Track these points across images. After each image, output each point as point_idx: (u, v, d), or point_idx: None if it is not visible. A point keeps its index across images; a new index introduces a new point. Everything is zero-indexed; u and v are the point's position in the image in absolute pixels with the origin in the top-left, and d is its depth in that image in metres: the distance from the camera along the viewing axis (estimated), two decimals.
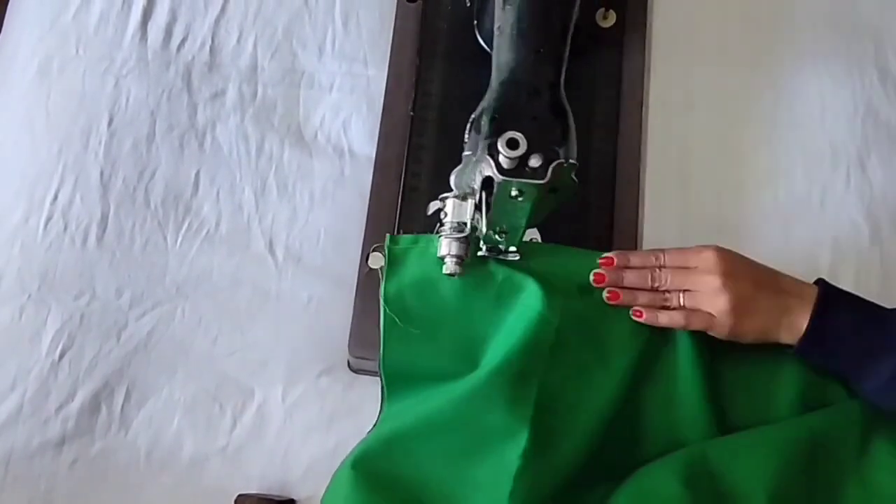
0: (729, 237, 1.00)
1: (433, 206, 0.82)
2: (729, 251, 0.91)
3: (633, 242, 1.06)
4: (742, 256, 0.91)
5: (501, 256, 0.95)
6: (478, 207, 0.77)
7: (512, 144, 0.68)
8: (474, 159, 0.72)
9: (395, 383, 0.97)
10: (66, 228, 1.11)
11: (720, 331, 0.90)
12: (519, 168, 0.69)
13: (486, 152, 0.70)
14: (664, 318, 0.92)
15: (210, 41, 1.20)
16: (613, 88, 1.11)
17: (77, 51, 1.19)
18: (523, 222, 0.85)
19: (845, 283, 0.92)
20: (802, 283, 0.91)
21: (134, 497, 1.02)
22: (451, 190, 0.82)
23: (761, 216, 1.10)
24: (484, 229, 0.78)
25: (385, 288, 0.94)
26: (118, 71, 1.18)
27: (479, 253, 0.94)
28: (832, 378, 0.94)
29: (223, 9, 1.22)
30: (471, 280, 0.92)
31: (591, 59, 1.12)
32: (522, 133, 0.69)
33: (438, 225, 0.80)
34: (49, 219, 1.11)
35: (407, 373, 0.96)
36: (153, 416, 1.05)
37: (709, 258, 0.90)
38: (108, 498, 1.02)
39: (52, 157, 1.14)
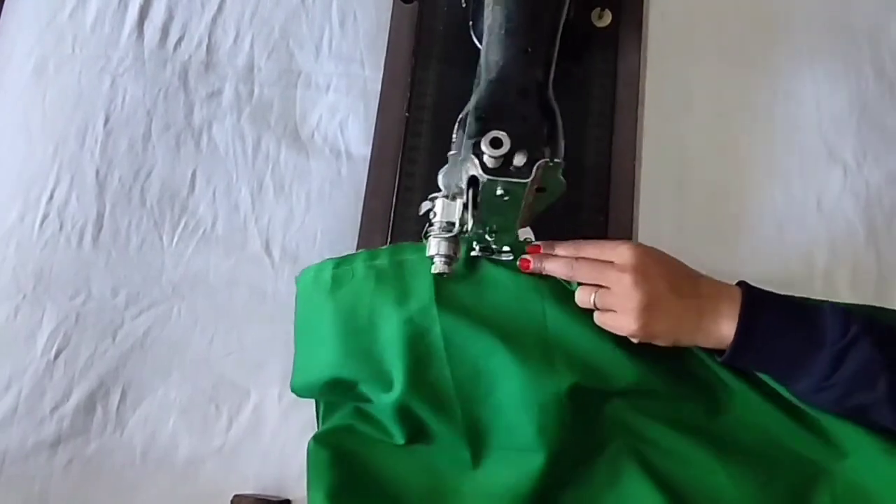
0: (724, 237, 1.00)
1: (424, 206, 0.82)
2: (647, 249, 0.89)
3: None
4: (661, 255, 0.90)
5: (494, 256, 0.95)
6: (466, 207, 0.76)
7: (495, 143, 0.67)
8: (460, 158, 0.72)
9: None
10: (61, 227, 1.11)
11: (628, 331, 0.88)
12: (503, 167, 0.69)
13: (471, 151, 0.69)
14: (578, 297, 0.92)
15: (207, 40, 1.20)
16: (609, 88, 1.11)
17: (73, 49, 1.19)
18: (512, 221, 0.85)
19: (841, 284, 0.92)
20: (721, 284, 0.89)
21: (129, 497, 1.03)
22: (441, 190, 0.82)
23: (757, 216, 1.09)
24: (470, 228, 0.78)
25: None
26: (114, 70, 1.18)
27: (473, 253, 0.94)
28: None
29: (220, 8, 1.22)
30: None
31: (587, 59, 1.12)
32: (509, 132, 0.68)
33: (428, 225, 0.79)
34: (45, 218, 1.11)
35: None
36: (149, 417, 1.05)
37: (623, 254, 0.88)
38: (104, 498, 1.03)
39: (47, 156, 1.14)
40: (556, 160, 0.71)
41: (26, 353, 1.06)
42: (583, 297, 0.91)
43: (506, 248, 0.95)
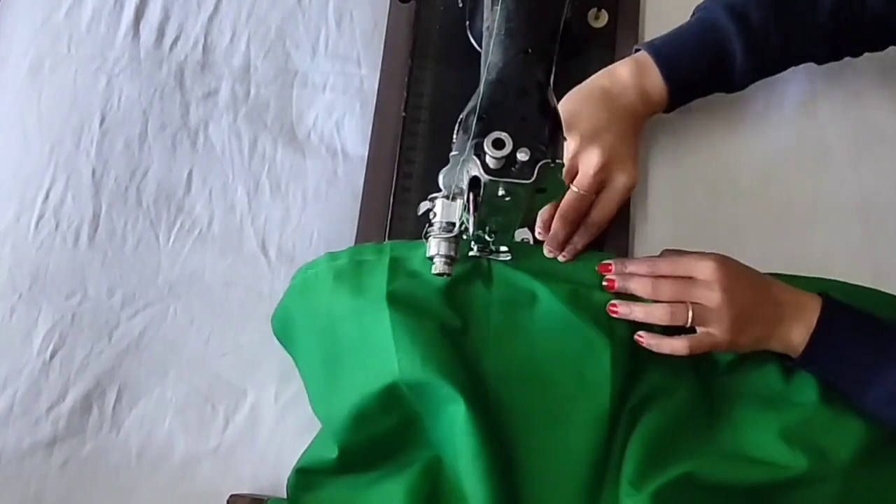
0: (720, 238, 1.00)
1: (423, 206, 0.82)
2: (727, 261, 0.90)
3: (625, 242, 1.05)
4: (739, 265, 0.91)
5: (493, 257, 0.95)
6: (466, 207, 0.76)
7: (498, 144, 0.67)
8: (462, 159, 0.72)
9: None
10: (57, 227, 1.11)
11: (719, 349, 0.90)
12: (505, 168, 0.69)
13: (473, 152, 0.69)
14: (667, 348, 0.90)
15: (203, 40, 1.20)
16: None
17: (69, 49, 1.19)
18: (512, 222, 0.85)
19: None
20: (795, 291, 0.90)
21: (125, 498, 1.02)
22: (441, 190, 0.82)
23: (753, 216, 1.09)
24: (472, 229, 0.78)
25: None
26: (110, 70, 1.18)
27: (471, 253, 0.95)
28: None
29: (216, 8, 1.22)
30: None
31: (584, 60, 1.12)
32: (509, 133, 0.68)
33: (427, 225, 0.79)
34: (40, 218, 1.11)
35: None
36: (145, 417, 1.05)
37: (708, 269, 0.88)
38: (100, 499, 1.02)
39: (43, 155, 1.14)
40: (557, 161, 0.71)
41: (22, 353, 1.06)
42: (678, 315, 0.89)
43: (503, 249, 0.95)
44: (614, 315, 0.92)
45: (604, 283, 0.94)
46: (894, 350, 0.86)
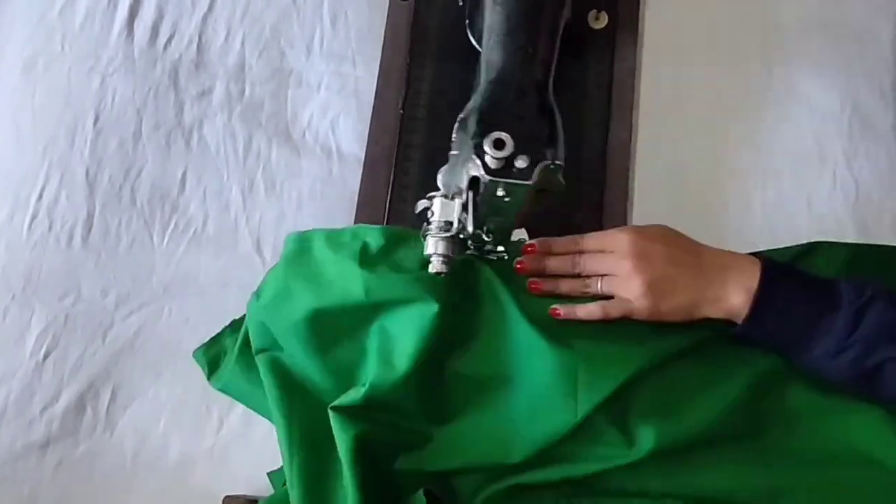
0: (717, 237, 0.99)
1: (420, 204, 0.82)
2: (641, 230, 0.90)
3: None
4: (659, 233, 0.90)
5: (489, 256, 0.95)
6: (465, 207, 0.76)
7: (498, 145, 0.67)
8: (461, 159, 0.71)
9: None
10: (51, 227, 1.10)
11: (640, 314, 0.88)
12: (505, 168, 0.69)
13: (473, 152, 0.69)
14: (582, 313, 0.90)
15: (197, 39, 1.20)
16: (604, 89, 1.11)
17: (63, 48, 1.19)
18: (510, 222, 0.85)
19: None
20: (727, 253, 0.89)
21: (120, 499, 1.02)
22: (439, 189, 0.81)
23: (749, 215, 1.10)
24: (471, 229, 0.77)
25: None
26: (104, 69, 1.18)
27: (468, 252, 0.94)
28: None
29: (210, 7, 1.21)
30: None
31: (583, 60, 1.12)
32: (509, 133, 0.68)
33: (425, 224, 0.79)
34: (34, 218, 1.11)
35: None
36: (139, 418, 1.05)
37: (621, 240, 0.88)
38: (94, 500, 1.02)
39: (37, 155, 1.14)
40: (556, 162, 0.71)
41: (15, 355, 1.06)
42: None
43: (500, 248, 0.95)
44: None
45: (516, 265, 0.94)
46: (835, 301, 0.84)
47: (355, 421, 0.89)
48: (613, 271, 0.89)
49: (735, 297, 0.86)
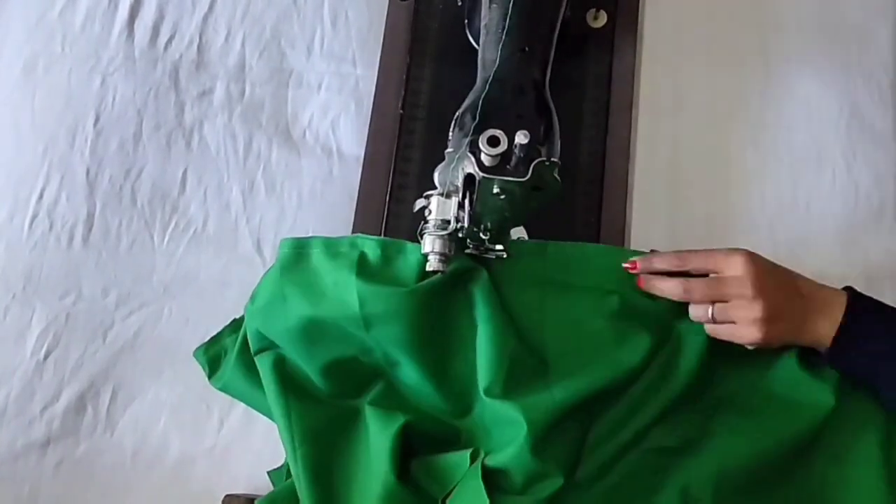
0: (716, 238, 1.00)
1: (419, 203, 0.82)
2: (756, 256, 0.89)
3: (620, 242, 1.05)
4: (766, 262, 0.90)
5: (488, 255, 0.95)
6: (461, 205, 0.76)
7: (493, 142, 0.67)
8: (457, 156, 0.71)
9: None
10: (51, 227, 1.11)
11: (749, 340, 0.89)
12: (500, 166, 0.69)
13: (468, 149, 0.69)
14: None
15: (198, 40, 1.20)
16: (603, 88, 1.11)
17: (63, 49, 1.19)
18: (507, 220, 0.85)
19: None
20: (820, 285, 0.91)
21: (120, 498, 1.02)
22: (437, 187, 0.81)
23: (748, 217, 1.09)
24: (466, 226, 0.77)
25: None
26: (105, 69, 1.18)
27: (466, 251, 0.94)
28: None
29: (211, 7, 1.21)
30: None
31: (582, 60, 1.12)
32: (505, 131, 0.68)
33: (423, 222, 0.79)
34: (34, 218, 1.11)
35: None
36: (139, 417, 1.05)
37: (738, 265, 0.88)
38: (94, 499, 1.02)
39: (37, 155, 1.14)
40: (552, 159, 0.71)
41: (15, 354, 1.06)
42: (698, 314, 0.91)
43: (499, 247, 0.95)
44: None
45: (638, 284, 0.94)
46: None
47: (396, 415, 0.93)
48: (729, 297, 0.89)
49: (823, 327, 0.88)
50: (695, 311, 0.92)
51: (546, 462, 0.87)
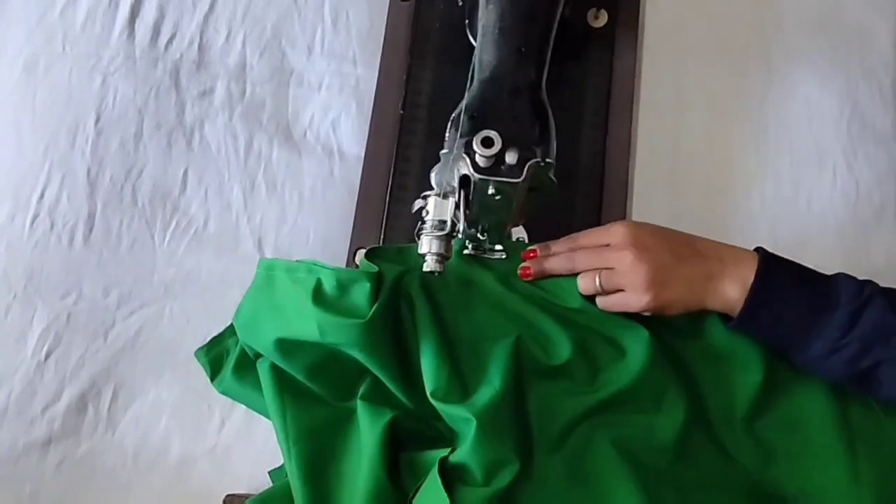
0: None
1: (417, 204, 0.82)
2: (638, 223, 0.89)
3: None
4: (655, 226, 0.90)
5: (487, 256, 0.95)
6: (458, 206, 0.76)
7: (487, 143, 0.67)
8: (452, 157, 0.71)
9: None
10: (52, 227, 1.11)
11: (640, 306, 0.87)
12: (495, 166, 0.69)
13: (463, 150, 0.69)
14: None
15: (198, 39, 1.20)
16: (604, 88, 1.11)
17: (64, 48, 1.19)
18: (504, 221, 0.85)
19: None
20: (729, 247, 0.89)
21: (121, 498, 1.02)
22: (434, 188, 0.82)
23: (749, 216, 1.09)
24: (463, 227, 0.77)
25: None
26: (105, 69, 1.18)
27: (465, 252, 0.94)
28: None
29: (212, 7, 1.21)
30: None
31: (583, 59, 1.12)
32: (500, 132, 0.68)
33: (420, 223, 0.79)
34: (35, 217, 1.11)
35: None
36: (140, 417, 1.05)
37: (619, 233, 0.88)
38: (95, 499, 1.02)
39: (38, 155, 1.14)
40: (547, 160, 0.71)
41: (17, 354, 1.06)
42: (586, 285, 0.90)
43: (498, 247, 0.95)
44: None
45: (518, 272, 0.94)
46: (832, 300, 0.84)
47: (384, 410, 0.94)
48: (612, 264, 0.88)
49: (732, 290, 0.86)
50: (583, 283, 0.91)
51: (499, 450, 0.88)
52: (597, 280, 0.89)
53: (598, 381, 0.92)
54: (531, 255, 0.94)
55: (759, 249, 0.89)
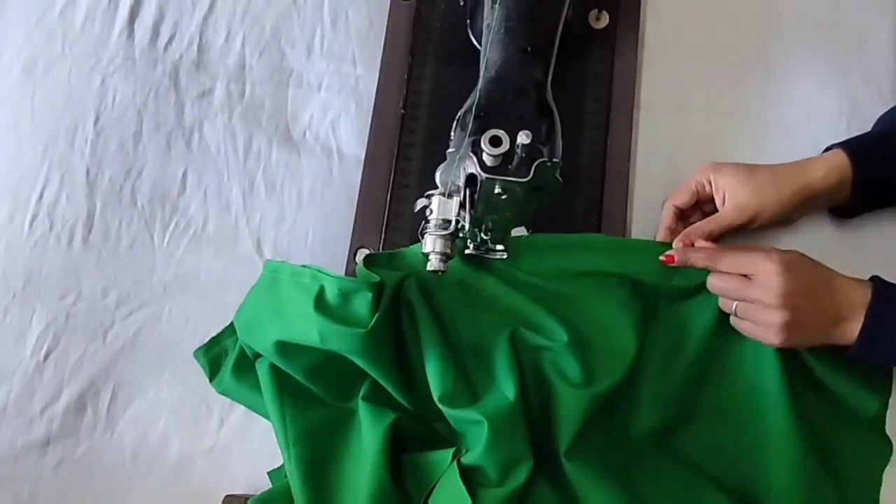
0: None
1: (420, 203, 0.82)
2: (789, 264, 0.90)
3: (622, 231, 1.07)
4: (801, 263, 0.91)
5: (489, 255, 0.95)
6: (463, 205, 0.76)
7: (495, 142, 0.67)
8: (458, 156, 0.72)
9: None
10: (51, 227, 1.10)
11: (769, 344, 0.91)
12: (502, 166, 0.69)
13: (470, 150, 0.69)
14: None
15: (198, 40, 1.20)
16: (605, 89, 1.12)
17: (63, 49, 1.19)
18: (508, 220, 0.85)
19: None
20: (857, 284, 0.91)
21: (120, 498, 1.02)
22: (438, 187, 0.82)
23: None
24: (468, 226, 0.77)
25: None
26: (105, 69, 1.18)
27: (467, 251, 0.94)
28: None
29: (211, 7, 1.21)
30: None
31: (584, 60, 1.12)
32: (507, 131, 0.68)
33: (424, 222, 0.79)
34: (34, 218, 1.11)
35: None
36: (139, 417, 1.05)
37: (768, 271, 0.89)
38: (94, 499, 1.02)
39: (37, 155, 1.14)
40: (554, 160, 0.71)
41: (15, 354, 1.06)
42: (724, 305, 0.96)
43: (500, 247, 0.95)
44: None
45: (662, 259, 0.97)
46: None
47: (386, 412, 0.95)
48: (755, 299, 0.90)
49: (850, 332, 0.89)
50: (722, 303, 0.95)
51: (513, 449, 0.90)
52: (734, 307, 0.92)
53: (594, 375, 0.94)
54: (669, 260, 0.97)
55: (873, 279, 0.92)
